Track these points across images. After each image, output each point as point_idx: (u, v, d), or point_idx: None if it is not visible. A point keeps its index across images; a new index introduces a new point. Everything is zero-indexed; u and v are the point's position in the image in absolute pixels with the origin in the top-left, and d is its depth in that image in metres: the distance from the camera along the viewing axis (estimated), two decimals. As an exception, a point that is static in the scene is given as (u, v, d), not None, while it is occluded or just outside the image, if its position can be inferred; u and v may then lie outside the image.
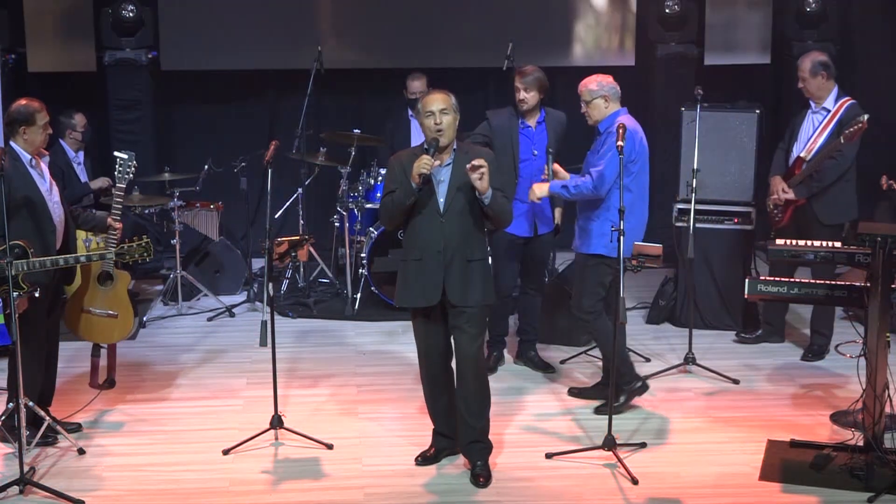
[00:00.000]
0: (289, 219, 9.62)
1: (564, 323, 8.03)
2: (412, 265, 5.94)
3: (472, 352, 5.94)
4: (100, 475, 6.11)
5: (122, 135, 10.01)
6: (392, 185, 5.90)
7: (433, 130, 5.82)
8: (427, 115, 5.84)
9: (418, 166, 5.73)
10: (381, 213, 6.06)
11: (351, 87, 10.30)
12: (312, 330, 8.53)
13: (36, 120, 6.26)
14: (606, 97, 6.77)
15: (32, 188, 6.21)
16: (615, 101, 6.80)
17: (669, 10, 10.01)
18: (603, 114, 6.78)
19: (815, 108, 7.67)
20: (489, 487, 5.95)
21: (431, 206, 5.87)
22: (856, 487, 5.86)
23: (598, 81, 6.81)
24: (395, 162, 5.96)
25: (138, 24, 9.87)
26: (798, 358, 7.81)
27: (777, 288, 6.26)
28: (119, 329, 6.78)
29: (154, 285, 9.50)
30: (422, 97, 5.99)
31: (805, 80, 7.62)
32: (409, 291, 5.95)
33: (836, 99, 7.61)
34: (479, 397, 6.02)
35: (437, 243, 5.85)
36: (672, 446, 6.45)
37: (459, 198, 5.85)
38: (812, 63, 7.60)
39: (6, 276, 5.82)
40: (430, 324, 5.99)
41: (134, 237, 6.37)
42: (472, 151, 5.94)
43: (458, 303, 5.89)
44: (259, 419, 6.57)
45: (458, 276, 5.87)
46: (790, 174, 7.66)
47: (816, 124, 7.63)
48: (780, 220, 7.73)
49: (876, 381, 5.94)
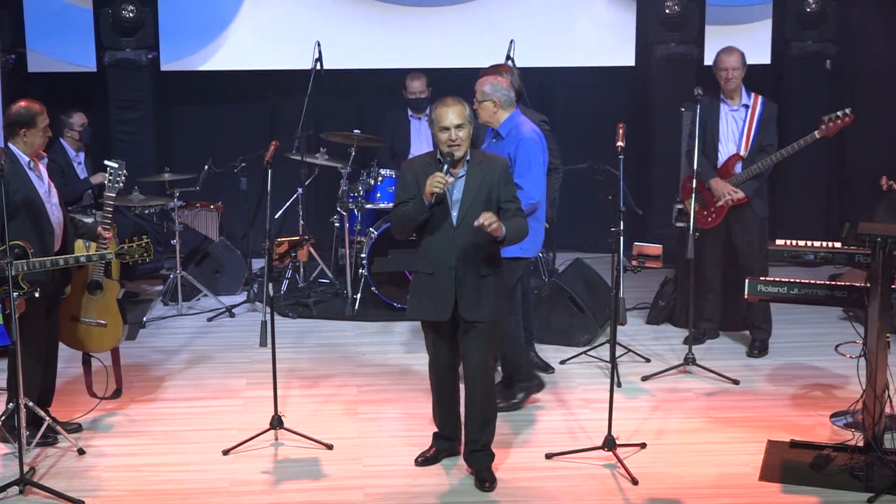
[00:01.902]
0: (289, 219, 9.62)
1: (563, 323, 8.03)
2: (424, 278, 5.85)
3: (481, 366, 5.89)
4: (100, 475, 6.11)
5: (122, 135, 10.02)
6: (404, 195, 5.79)
7: (448, 146, 5.70)
8: (442, 129, 5.70)
9: (431, 184, 5.59)
10: (392, 224, 5.97)
11: (351, 87, 10.30)
12: (312, 330, 8.53)
13: (37, 123, 6.25)
14: (496, 102, 6.66)
15: (31, 190, 6.20)
16: (507, 106, 6.69)
17: (669, 10, 10.01)
18: (493, 117, 6.70)
19: (732, 107, 7.74)
20: (489, 488, 5.97)
21: (445, 221, 5.75)
22: (856, 488, 5.86)
23: (491, 84, 6.71)
24: (408, 170, 5.85)
25: (138, 24, 9.87)
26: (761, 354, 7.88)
27: (777, 288, 6.26)
28: (108, 338, 6.78)
29: (154, 285, 9.50)
30: (435, 108, 5.78)
31: (737, 69, 7.66)
32: (421, 305, 5.88)
33: (747, 94, 7.72)
34: (485, 411, 5.99)
35: (451, 258, 5.76)
36: (672, 446, 6.44)
37: (473, 212, 5.67)
38: (742, 56, 7.68)
39: (6, 276, 5.82)
40: (439, 337, 5.93)
41: (134, 237, 6.37)
42: (486, 160, 5.83)
43: (470, 318, 5.81)
44: (259, 419, 6.57)
45: (471, 291, 5.78)
46: (726, 173, 7.69)
47: (741, 121, 7.71)
48: (713, 220, 7.76)
49: (876, 382, 5.94)
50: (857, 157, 10.29)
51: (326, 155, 9.28)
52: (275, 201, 6.78)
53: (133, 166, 9.69)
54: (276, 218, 9.26)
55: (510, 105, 6.73)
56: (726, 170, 7.72)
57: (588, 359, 7.78)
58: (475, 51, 9.90)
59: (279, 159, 6.90)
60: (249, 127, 10.32)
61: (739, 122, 7.71)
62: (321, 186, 9.94)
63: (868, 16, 10.20)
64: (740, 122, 7.71)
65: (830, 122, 7.47)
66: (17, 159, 6.20)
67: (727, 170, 7.71)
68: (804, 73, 10.07)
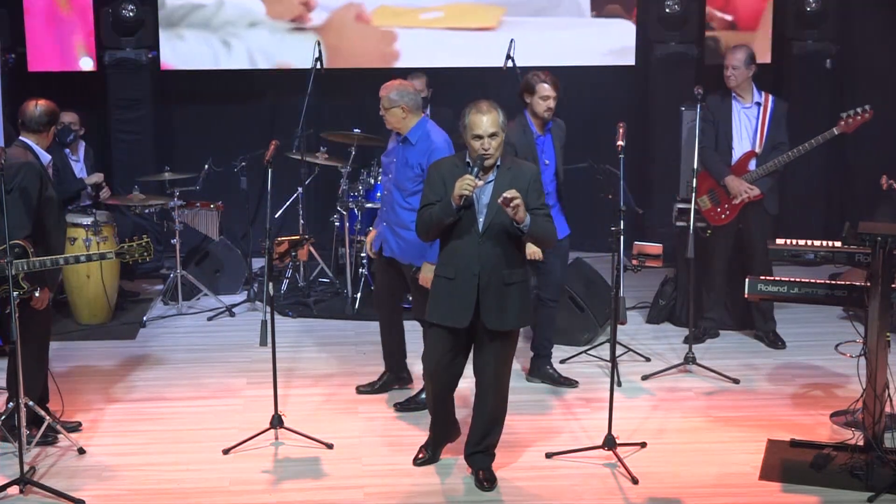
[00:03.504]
0: (289, 218, 9.62)
1: (564, 323, 8.03)
2: (444, 283, 5.75)
3: (497, 376, 5.83)
4: (100, 475, 6.11)
5: (123, 134, 10.03)
6: (431, 196, 5.68)
7: (480, 152, 5.59)
8: (475, 137, 5.57)
9: (460, 186, 5.49)
10: (418, 226, 5.80)
11: (351, 87, 10.30)
12: (312, 330, 8.53)
13: (60, 119, 6.34)
14: (405, 108, 6.58)
15: (51, 188, 6.25)
16: (415, 111, 6.61)
17: (669, 10, 10.01)
18: (401, 123, 6.62)
19: (745, 104, 7.76)
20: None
21: (470, 226, 5.63)
22: (856, 487, 5.86)
23: (398, 90, 6.62)
24: (435, 172, 5.75)
25: (138, 24, 9.87)
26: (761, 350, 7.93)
27: (777, 288, 6.26)
28: None
29: (154, 285, 9.50)
30: (469, 113, 5.62)
31: (737, 68, 7.69)
32: (440, 309, 5.77)
33: (758, 92, 7.76)
34: (494, 420, 5.96)
35: (474, 265, 5.65)
36: (672, 446, 6.44)
37: (500, 218, 5.58)
38: (746, 55, 7.71)
39: (6, 275, 5.82)
40: (452, 343, 5.81)
41: (134, 237, 6.37)
42: (516, 166, 5.72)
43: (494, 326, 5.70)
44: (259, 419, 6.57)
45: (495, 300, 5.67)
46: (741, 170, 7.70)
47: (754, 118, 7.73)
48: (726, 217, 7.77)
49: (876, 381, 5.94)
50: (858, 156, 10.29)
51: (326, 154, 9.28)
52: (275, 201, 6.78)
53: (133, 166, 9.78)
54: (277, 217, 9.26)
55: (418, 110, 6.65)
56: (741, 167, 7.72)
57: (588, 358, 7.78)
58: (475, 50, 9.93)
59: (279, 159, 6.89)
60: (249, 127, 10.32)
61: (753, 119, 7.73)
62: (321, 186, 9.95)
63: (868, 16, 10.20)
64: (754, 120, 7.73)
65: (849, 118, 7.47)
66: (39, 157, 6.26)
67: (742, 167, 7.71)
68: (804, 73, 10.07)
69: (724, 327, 8.25)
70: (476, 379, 5.93)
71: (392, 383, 7.17)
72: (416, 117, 6.64)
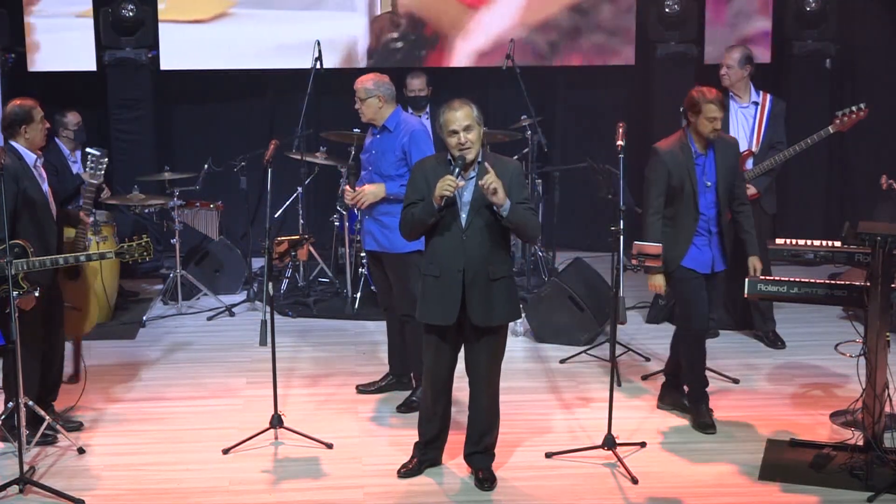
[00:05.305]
0: (289, 218, 9.61)
1: (564, 322, 8.03)
2: (430, 281, 5.78)
3: (488, 373, 5.86)
4: (99, 474, 6.11)
5: (122, 134, 10.02)
6: (414, 196, 5.72)
7: (459, 150, 5.63)
8: (451, 133, 5.63)
9: (441, 187, 5.54)
10: (401, 226, 5.84)
11: (351, 87, 10.25)
12: (312, 329, 8.53)
13: (34, 116, 6.27)
14: (381, 97, 6.74)
15: (37, 189, 6.22)
16: (390, 102, 6.78)
17: (669, 10, 10.01)
18: (378, 113, 6.76)
19: (742, 104, 7.77)
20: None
21: (453, 223, 5.67)
22: (856, 487, 5.86)
23: (374, 81, 6.80)
24: (419, 170, 5.79)
25: (138, 24, 9.86)
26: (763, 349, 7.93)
27: (777, 287, 6.26)
28: (80, 323, 6.81)
29: (154, 285, 9.50)
30: (441, 113, 5.69)
31: (731, 67, 7.71)
32: (428, 307, 5.81)
33: (755, 92, 7.76)
34: (489, 417, 5.97)
35: (458, 262, 5.68)
36: (672, 446, 6.44)
37: (483, 214, 5.64)
38: (742, 55, 7.72)
39: (6, 275, 5.82)
40: (443, 341, 5.85)
41: (134, 236, 6.37)
42: (498, 162, 5.73)
43: (481, 322, 5.73)
44: (259, 418, 6.57)
45: (481, 296, 5.71)
46: None
47: (751, 118, 7.74)
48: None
49: (876, 381, 5.95)
50: (857, 156, 10.29)
51: (326, 154, 9.28)
52: (275, 200, 6.77)
53: (133, 166, 9.78)
54: (276, 217, 9.26)
55: (393, 100, 6.81)
56: None
57: (588, 358, 7.78)
58: (475, 50, 9.92)
59: (279, 158, 6.90)
60: (249, 127, 10.32)
61: (749, 118, 7.74)
62: (321, 185, 9.94)
63: (868, 16, 10.20)
64: (750, 119, 7.74)
65: (845, 116, 7.47)
66: (23, 157, 6.21)
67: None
68: (804, 73, 10.07)
69: (723, 327, 8.25)
70: (469, 377, 5.95)
71: (393, 386, 7.16)
72: (392, 107, 6.78)
